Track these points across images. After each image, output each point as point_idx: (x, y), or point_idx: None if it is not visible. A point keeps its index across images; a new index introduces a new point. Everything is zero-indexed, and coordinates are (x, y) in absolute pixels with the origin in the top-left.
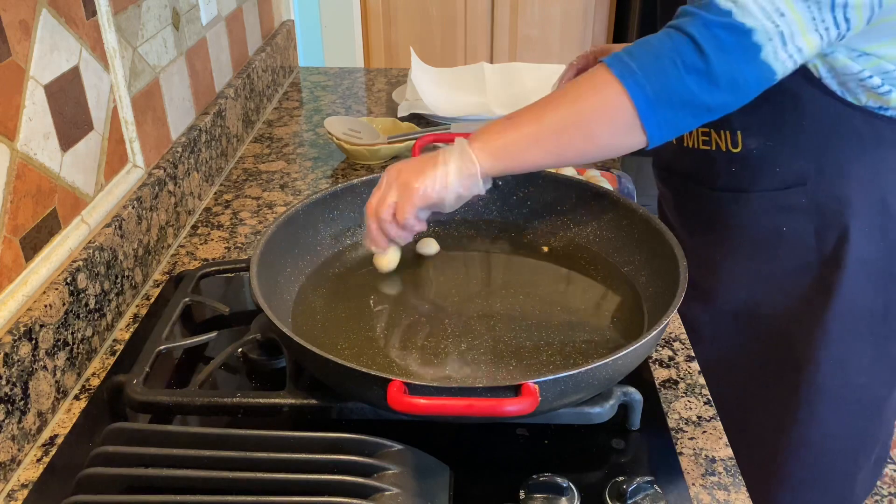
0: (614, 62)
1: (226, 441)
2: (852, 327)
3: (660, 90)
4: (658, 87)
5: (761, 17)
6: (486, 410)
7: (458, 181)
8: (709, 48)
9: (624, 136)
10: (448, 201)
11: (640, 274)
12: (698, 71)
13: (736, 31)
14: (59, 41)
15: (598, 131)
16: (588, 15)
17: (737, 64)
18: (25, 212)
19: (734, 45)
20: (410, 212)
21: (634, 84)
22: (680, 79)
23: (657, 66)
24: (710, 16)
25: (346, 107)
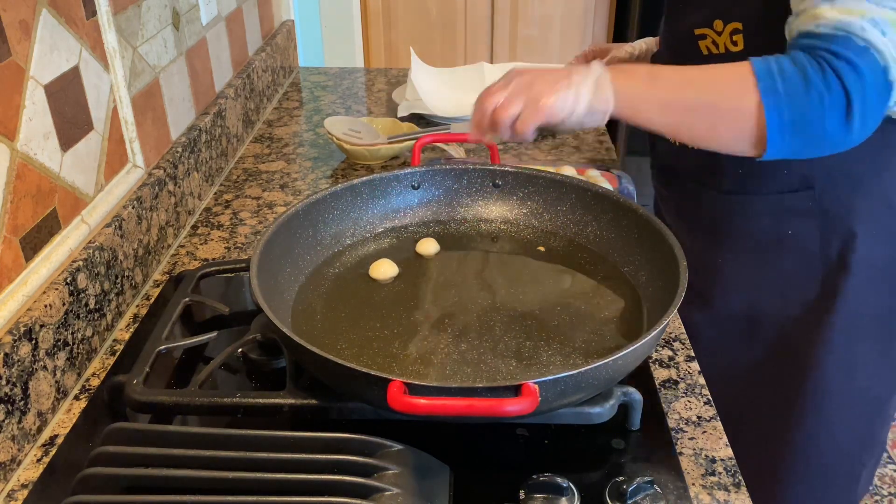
0: (763, 73)
1: (226, 441)
2: (857, 330)
3: (797, 121)
4: (796, 117)
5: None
6: (486, 410)
7: (586, 112)
8: (857, 105)
9: (743, 144)
10: (568, 126)
11: (640, 274)
12: (840, 116)
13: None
14: (59, 41)
15: (723, 131)
16: (588, 15)
17: (874, 114)
18: (25, 212)
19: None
20: (533, 126)
21: (774, 106)
22: (820, 119)
23: (803, 98)
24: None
25: (346, 107)
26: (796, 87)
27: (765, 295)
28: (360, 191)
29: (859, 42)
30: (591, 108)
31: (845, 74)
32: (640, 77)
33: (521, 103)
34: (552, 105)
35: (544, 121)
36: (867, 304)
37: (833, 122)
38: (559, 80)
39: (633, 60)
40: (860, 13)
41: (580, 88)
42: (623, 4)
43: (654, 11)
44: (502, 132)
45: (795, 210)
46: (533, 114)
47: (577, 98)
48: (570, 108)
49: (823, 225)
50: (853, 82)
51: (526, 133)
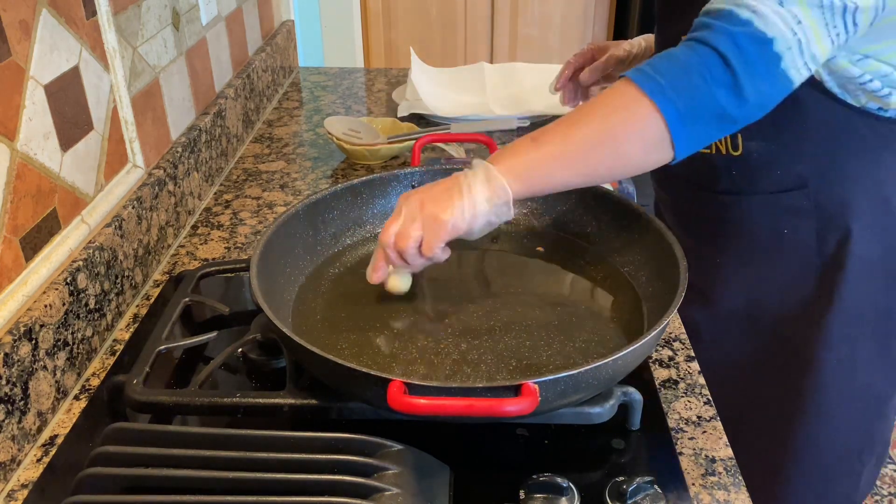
0: (641, 78)
1: (226, 441)
2: (855, 327)
3: (690, 105)
4: (688, 102)
5: (781, 26)
6: (486, 410)
7: (488, 209)
8: (735, 61)
9: (653, 153)
10: (477, 230)
11: (640, 274)
12: (727, 85)
13: (758, 42)
14: (59, 41)
15: (628, 148)
16: (588, 15)
17: (760, 76)
18: (25, 212)
19: (758, 56)
20: (438, 245)
21: (665, 100)
22: (710, 93)
23: (686, 81)
24: (733, 28)
25: (346, 107)
26: (676, 75)
27: (763, 294)
28: (360, 191)
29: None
30: (493, 204)
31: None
32: (523, 148)
33: (419, 227)
34: (450, 217)
35: (451, 236)
36: (865, 301)
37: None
38: (448, 190)
39: (632, 58)
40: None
41: (472, 191)
42: (623, 4)
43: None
44: (411, 261)
45: (791, 209)
46: (435, 233)
47: (472, 200)
48: (469, 213)
49: (819, 223)
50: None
51: (435, 254)
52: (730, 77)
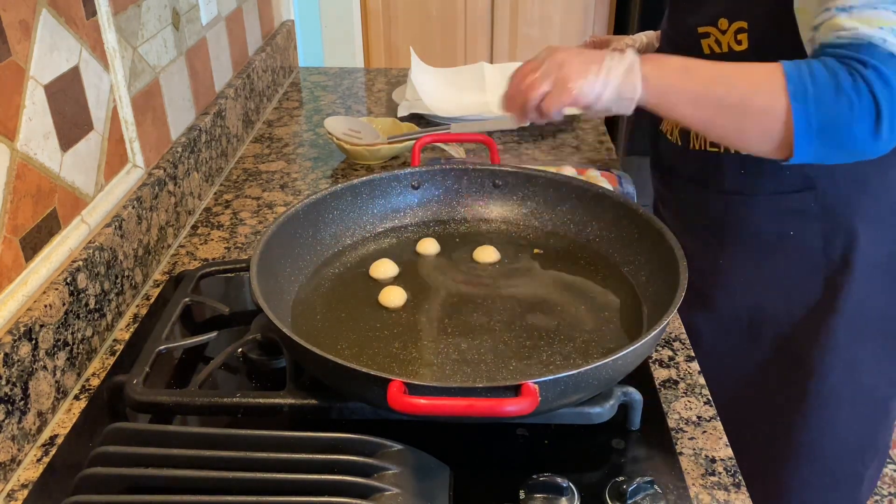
0: (794, 75)
1: (226, 441)
2: (860, 329)
3: (825, 126)
4: (825, 123)
5: None
6: (486, 410)
7: (615, 97)
8: (886, 113)
9: (769, 146)
10: (595, 111)
11: (640, 274)
12: (869, 125)
13: None
14: (59, 41)
15: (750, 131)
16: (588, 15)
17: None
18: (25, 212)
19: None
20: (558, 107)
21: (803, 110)
22: (849, 126)
23: (833, 103)
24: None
25: (346, 107)
26: (827, 92)
27: (767, 295)
28: (360, 191)
29: (883, 51)
30: (619, 94)
31: (874, 82)
32: (672, 68)
33: (549, 83)
34: (579, 88)
35: (570, 103)
36: (870, 304)
37: (861, 130)
38: (591, 63)
39: None
40: (878, 23)
41: (610, 74)
42: (623, 4)
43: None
44: (528, 111)
45: (797, 210)
46: (559, 95)
47: (605, 83)
48: (597, 93)
49: (826, 225)
50: (881, 90)
51: (550, 113)
52: (874, 119)
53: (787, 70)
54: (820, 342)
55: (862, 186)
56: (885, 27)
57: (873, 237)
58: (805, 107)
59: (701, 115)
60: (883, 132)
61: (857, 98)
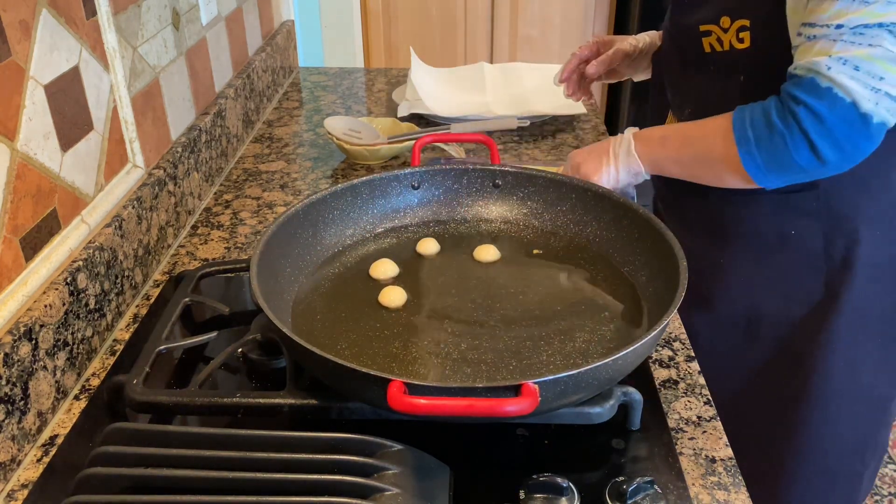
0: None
1: (226, 441)
2: (861, 330)
3: (769, 161)
4: (767, 158)
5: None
6: (486, 410)
7: (626, 175)
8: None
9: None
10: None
11: (640, 274)
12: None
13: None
14: (59, 41)
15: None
16: (588, 15)
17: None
18: (25, 212)
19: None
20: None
21: (747, 152)
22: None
23: (768, 141)
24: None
25: (346, 107)
26: (762, 133)
27: (767, 295)
28: (360, 191)
29: (822, 83)
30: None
31: (803, 118)
32: (655, 141)
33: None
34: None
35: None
36: (871, 304)
37: (802, 158)
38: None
39: (638, 53)
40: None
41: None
42: (623, 4)
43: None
44: None
45: (799, 210)
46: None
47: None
48: (613, 179)
49: (827, 225)
50: (810, 124)
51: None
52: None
53: (734, 119)
54: (820, 342)
55: (864, 187)
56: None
57: (875, 237)
58: (748, 148)
59: (684, 172)
60: (825, 155)
61: (789, 133)
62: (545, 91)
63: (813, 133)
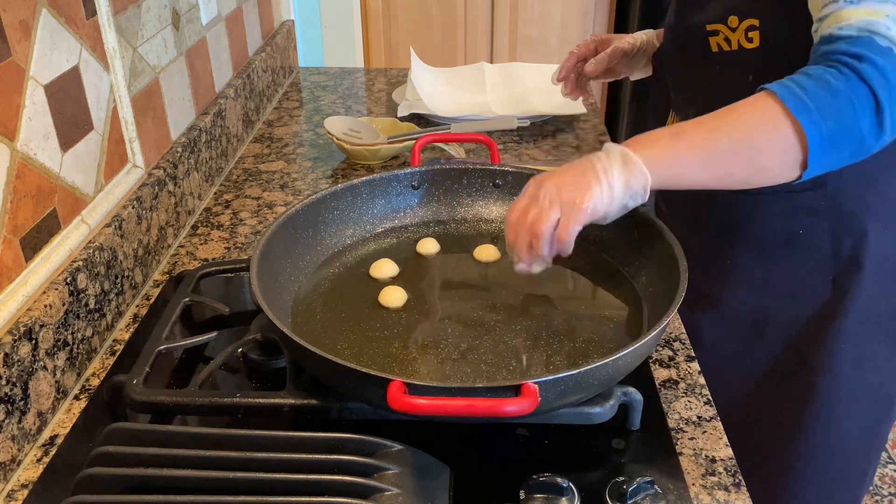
0: (787, 95)
1: (226, 441)
2: (868, 329)
3: (834, 131)
4: (833, 127)
5: None
6: (486, 410)
7: (623, 193)
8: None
9: (789, 171)
10: (612, 215)
11: (640, 274)
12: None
13: None
14: (59, 41)
15: (767, 162)
16: (588, 15)
17: None
18: (25, 212)
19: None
20: (576, 229)
21: (810, 122)
22: (855, 123)
23: (834, 106)
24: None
25: (346, 107)
26: (823, 99)
27: (774, 295)
28: (360, 191)
29: (882, 42)
30: (629, 189)
31: (868, 75)
32: (663, 140)
33: (556, 211)
34: (590, 203)
35: (587, 221)
36: (879, 303)
37: (867, 124)
38: (584, 174)
39: (636, 51)
40: (885, 13)
41: (608, 175)
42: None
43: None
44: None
45: (807, 209)
46: (575, 216)
47: (609, 185)
48: (607, 198)
49: (835, 223)
50: (877, 80)
51: (569, 239)
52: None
53: (776, 91)
54: (826, 341)
55: (872, 185)
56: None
57: (883, 236)
58: (811, 117)
59: (712, 173)
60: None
61: (855, 95)
62: (545, 91)
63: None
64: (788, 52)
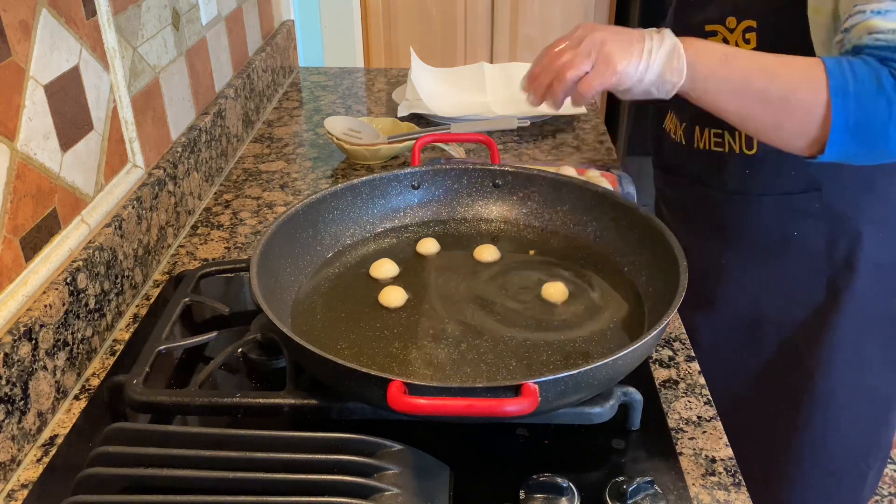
0: (836, 71)
1: (226, 441)
2: (864, 331)
3: (860, 125)
4: (862, 120)
5: None
6: (486, 410)
7: (656, 81)
8: None
9: (803, 141)
10: (635, 93)
11: (640, 274)
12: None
13: None
14: (59, 41)
15: (788, 127)
16: (588, 15)
17: None
18: (25, 212)
19: None
20: (600, 87)
21: (842, 106)
22: (884, 126)
23: (872, 102)
24: None
25: (346, 107)
26: (868, 90)
27: (769, 296)
28: (360, 191)
29: None
30: (662, 77)
31: None
32: (715, 55)
33: (590, 62)
34: (625, 67)
35: (613, 84)
36: (874, 305)
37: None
38: (633, 42)
39: None
40: None
41: (653, 55)
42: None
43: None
44: (563, 89)
45: (802, 211)
46: (603, 74)
47: (648, 65)
48: (640, 75)
49: (830, 226)
50: None
51: (589, 94)
52: None
53: (828, 66)
54: (822, 343)
55: (867, 188)
56: None
57: (878, 239)
58: (845, 103)
59: (739, 107)
60: None
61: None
62: None
63: None
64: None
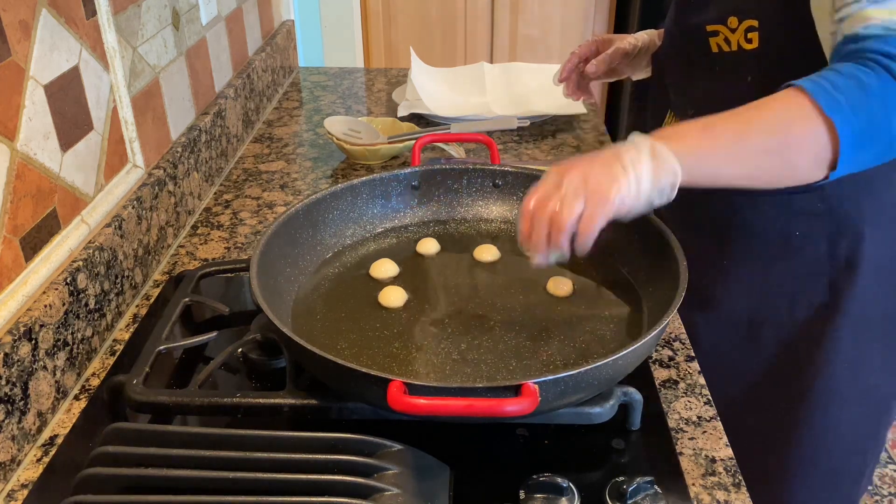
0: (819, 92)
1: (226, 441)
2: (864, 331)
3: (866, 129)
4: (864, 125)
5: None
6: (486, 410)
7: (652, 189)
8: None
9: (819, 170)
10: (637, 210)
11: (640, 274)
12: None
13: None
14: (59, 41)
15: (799, 161)
16: (588, 15)
17: None
18: (25, 212)
19: None
20: (601, 222)
21: (843, 120)
22: (887, 120)
23: (865, 103)
24: None
25: (346, 107)
26: (855, 96)
27: (770, 296)
28: (360, 191)
29: None
30: (657, 183)
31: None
32: (693, 134)
33: (580, 201)
34: (618, 195)
35: (612, 215)
36: (875, 305)
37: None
38: (611, 164)
39: (637, 52)
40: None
41: (637, 167)
42: (623, 4)
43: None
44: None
45: (803, 211)
46: (601, 207)
47: (637, 178)
48: (634, 191)
49: (831, 226)
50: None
51: (592, 233)
52: None
53: (807, 88)
54: (823, 343)
55: (868, 188)
56: None
57: (879, 239)
58: (844, 115)
59: (743, 169)
60: None
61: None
62: (545, 91)
63: None
64: (787, 53)
